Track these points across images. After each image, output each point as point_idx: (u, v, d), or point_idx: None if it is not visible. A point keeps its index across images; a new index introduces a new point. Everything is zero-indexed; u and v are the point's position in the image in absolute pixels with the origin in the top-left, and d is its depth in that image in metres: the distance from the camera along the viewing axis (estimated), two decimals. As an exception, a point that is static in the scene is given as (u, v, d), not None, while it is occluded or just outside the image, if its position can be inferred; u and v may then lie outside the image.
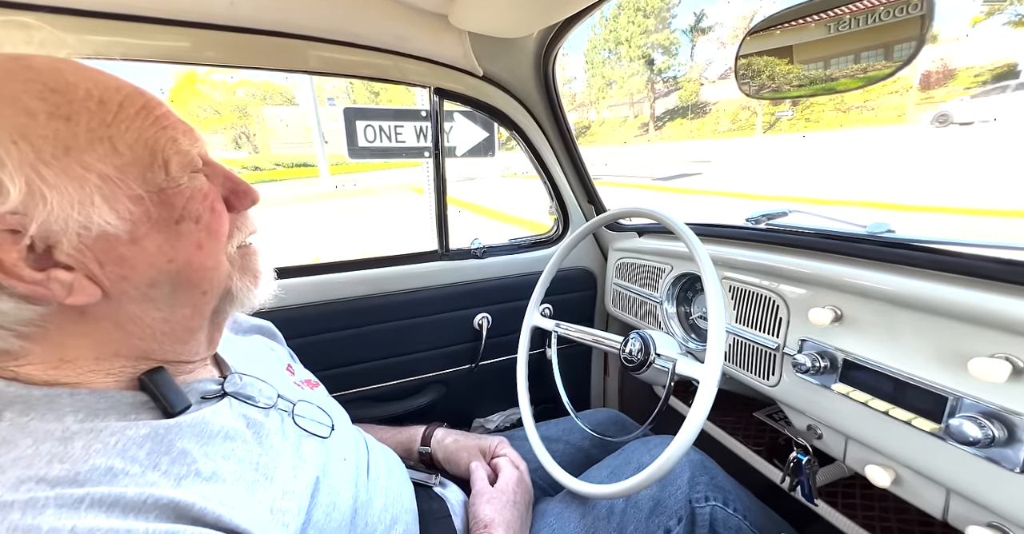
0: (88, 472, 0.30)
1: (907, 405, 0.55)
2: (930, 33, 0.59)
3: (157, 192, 0.35)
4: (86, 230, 0.32)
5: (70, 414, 0.33)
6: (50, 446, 0.31)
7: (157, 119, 0.36)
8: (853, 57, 0.66)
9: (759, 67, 0.74)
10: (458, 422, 1.20)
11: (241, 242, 0.43)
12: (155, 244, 0.35)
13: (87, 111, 0.33)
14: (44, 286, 0.31)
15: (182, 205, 0.36)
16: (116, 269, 0.34)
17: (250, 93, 27.01)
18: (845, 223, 0.75)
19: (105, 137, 0.33)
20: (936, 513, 0.55)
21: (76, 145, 0.32)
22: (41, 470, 0.29)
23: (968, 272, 0.54)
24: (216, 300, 0.41)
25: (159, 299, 0.37)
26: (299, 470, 0.44)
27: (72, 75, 0.33)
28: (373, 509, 0.52)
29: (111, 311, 0.35)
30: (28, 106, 0.31)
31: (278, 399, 0.48)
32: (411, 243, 1.24)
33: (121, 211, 0.33)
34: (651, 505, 0.65)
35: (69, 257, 0.32)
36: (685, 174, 10.03)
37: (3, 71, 0.31)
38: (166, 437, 0.35)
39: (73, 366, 0.35)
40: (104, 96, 0.34)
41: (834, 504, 0.74)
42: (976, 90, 14.85)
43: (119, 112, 0.34)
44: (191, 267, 0.37)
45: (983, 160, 7.66)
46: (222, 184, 0.41)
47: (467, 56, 0.97)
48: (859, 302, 0.63)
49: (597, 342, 0.86)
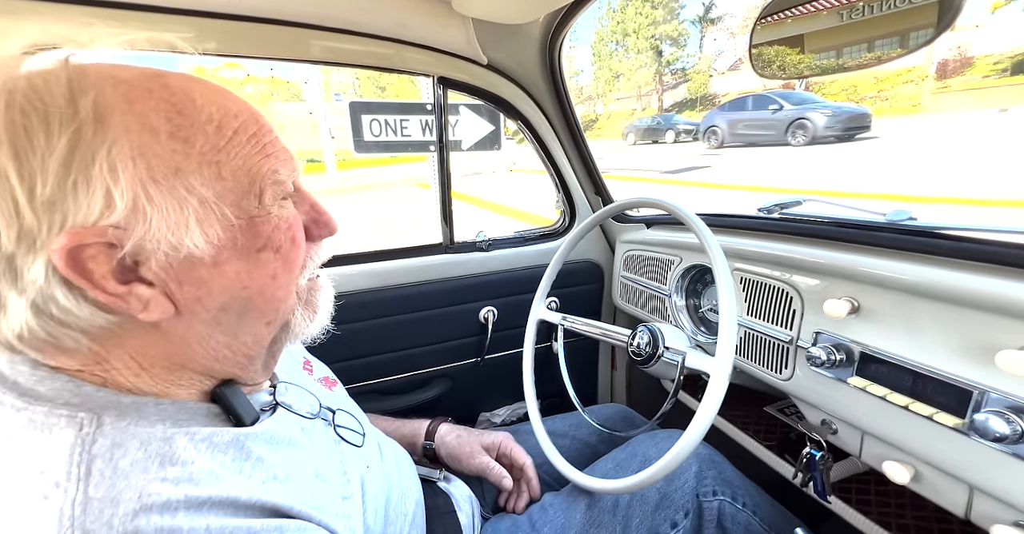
0: (198, 472, 0.32)
1: (928, 399, 0.53)
2: (955, 19, 0.56)
3: (247, 219, 0.35)
4: (175, 252, 0.32)
5: (158, 422, 0.34)
6: (157, 447, 0.32)
7: (264, 147, 0.36)
8: (867, 45, 0.64)
9: (770, 57, 0.73)
10: (464, 416, 1.20)
11: (312, 274, 0.43)
12: (234, 270, 0.35)
13: (204, 134, 0.33)
14: (123, 299, 0.31)
15: (267, 234, 0.36)
16: (193, 290, 0.34)
17: (258, 89, 27.21)
18: (863, 211, 0.72)
19: (214, 162, 0.33)
20: (958, 511, 0.54)
21: (186, 167, 0.32)
22: (159, 472, 0.31)
23: (995, 260, 0.51)
24: (276, 331, 0.42)
25: (226, 323, 0.37)
26: (349, 475, 0.45)
27: (200, 97, 0.34)
28: (391, 504, 0.53)
29: (181, 329, 0.35)
30: (154, 125, 0.31)
31: (321, 408, 0.50)
32: (417, 237, 1.23)
33: (211, 235, 0.33)
34: (657, 498, 0.64)
35: (153, 274, 0.33)
36: (694, 167, 9.90)
37: (142, 88, 0.32)
38: (245, 443, 0.37)
39: (150, 375, 0.36)
40: (223, 122, 0.34)
41: (848, 500, 0.72)
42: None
43: (232, 138, 0.34)
44: (263, 296, 0.38)
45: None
46: (306, 212, 0.42)
47: (471, 43, 0.95)
48: (877, 293, 0.60)
49: (604, 335, 0.84)
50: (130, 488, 0.29)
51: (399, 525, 0.52)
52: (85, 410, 0.31)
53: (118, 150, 0.30)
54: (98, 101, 0.30)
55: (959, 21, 0.58)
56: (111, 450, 0.30)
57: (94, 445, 0.30)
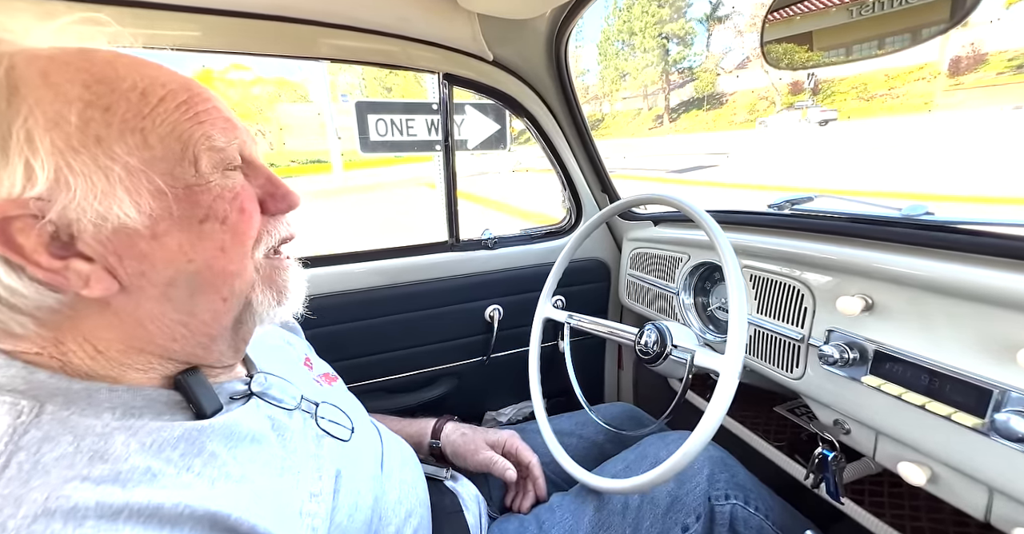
0: (129, 472, 0.30)
1: (946, 399, 0.51)
2: (969, 15, 0.55)
3: (183, 188, 0.34)
4: (103, 221, 0.31)
5: (108, 411, 0.33)
6: (91, 442, 0.30)
7: (197, 114, 0.35)
8: (877, 43, 0.64)
9: (778, 55, 0.73)
10: (470, 415, 1.19)
11: (270, 249, 0.41)
12: (176, 242, 0.34)
13: (126, 101, 0.32)
14: (62, 275, 0.31)
15: (208, 203, 0.35)
16: (135, 264, 0.33)
17: (265, 90, 27.36)
18: (877, 207, 0.71)
19: (138, 129, 0.33)
20: (977, 513, 0.52)
21: (108, 135, 0.32)
22: (84, 470, 0.29)
23: (1015, 255, 0.50)
24: (237, 309, 0.40)
25: (177, 300, 0.36)
26: (323, 472, 0.43)
27: (124, 68, 0.33)
28: (388, 502, 0.52)
29: (131, 306, 0.35)
30: (68, 94, 0.31)
31: (302, 400, 0.48)
32: (423, 235, 1.23)
33: (142, 205, 0.33)
34: (668, 501, 0.63)
35: (90, 248, 0.32)
36: (701, 166, 9.84)
37: (60, 62, 0.32)
38: (198, 439, 0.35)
39: (106, 358, 0.35)
40: (148, 89, 0.33)
41: (860, 502, 0.71)
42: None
43: (158, 105, 0.33)
44: (212, 270, 0.36)
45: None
46: (261, 185, 0.40)
47: (476, 39, 0.95)
48: (892, 290, 0.59)
49: (611, 334, 0.83)
50: (43, 486, 0.27)
51: (397, 523, 0.51)
52: (29, 397, 0.31)
53: (34, 121, 0.29)
54: (10, 74, 0.30)
55: (972, 17, 0.57)
56: (40, 443, 0.29)
57: (24, 436, 0.29)
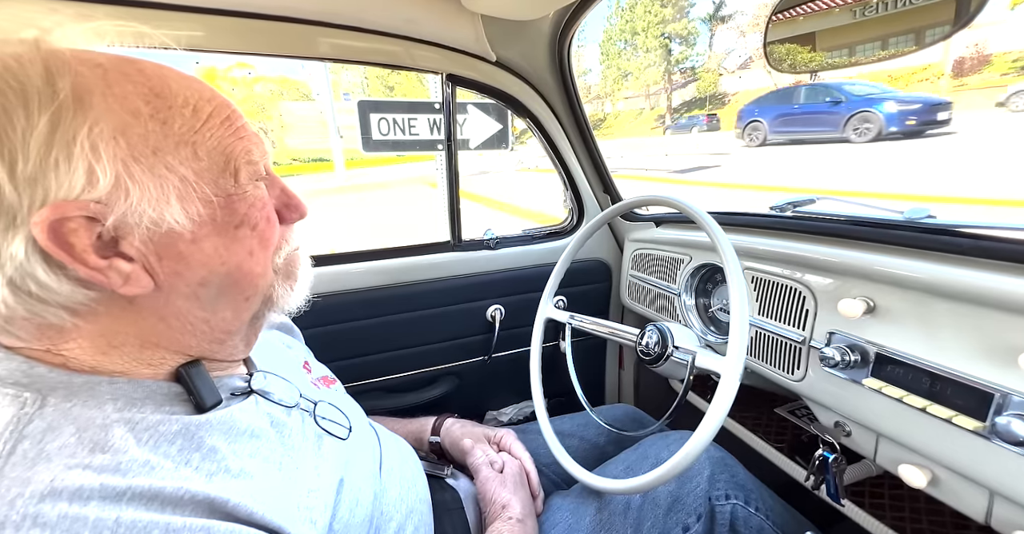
0: (128, 463, 0.31)
1: (947, 402, 0.51)
2: (975, 17, 0.55)
3: (225, 197, 0.37)
4: (156, 226, 0.33)
5: (109, 402, 0.34)
6: (92, 434, 0.31)
7: (236, 130, 0.38)
8: (880, 44, 0.63)
9: (780, 56, 0.73)
10: (471, 414, 1.19)
11: (286, 255, 0.44)
12: (212, 245, 0.37)
13: (181, 117, 0.35)
14: (104, 273, 0.32)
15: (244, 211, 0.38)
16: (172, 265, 0.35)
17: (268, 89, 27.41)
18: (879, 209, 0.71)
19: (190, 142, 0.35)
20: (977, 516, 0.52)
21: (165, 147, 0.34)
22: (85, 459, 0.30)
23: (1018, 259, 0.50)
24: (257, 306, 0.43)
25: (205, 299, 0.38)
26: (321, 469, 0.44)
27: (175, 83, 0.36)
28: (388, 499, 0.52)
29: (159, 304, 0.36)
30: (134, 106, 0.33)
31: (300, 399, 0.49)
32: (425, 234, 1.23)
33: (191, 212, 0.35)
34: (669, 502, 0.63)
35: (133, 249, 0.33)
36: (703, 167, 9.82)
37: (118, 72, 0.33)
38: (196, 433, 0.36)
39: (119, 353, 0.36)
40: (198, 105, 0.36)
41: (861, 504, 0.71)
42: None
43: (207, 121, 0.36)
44: (240, 271, 0.39)
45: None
46: (277, 196, 0.43)
47: (479, 40, 0.95)
48: (894, 292, 0.59)
49: (613, 334, 0.83)
50: (47, 470, 0.28)
51: (398, 520, 0.51)
52: (32, 390, 0.32)
53: (99, 130, 0.31)
54: (77, 82, 0.31)
55: (977, 18, 0.56)
56: (43, 433, 0.30)
57: (28, 426, 0.30)
